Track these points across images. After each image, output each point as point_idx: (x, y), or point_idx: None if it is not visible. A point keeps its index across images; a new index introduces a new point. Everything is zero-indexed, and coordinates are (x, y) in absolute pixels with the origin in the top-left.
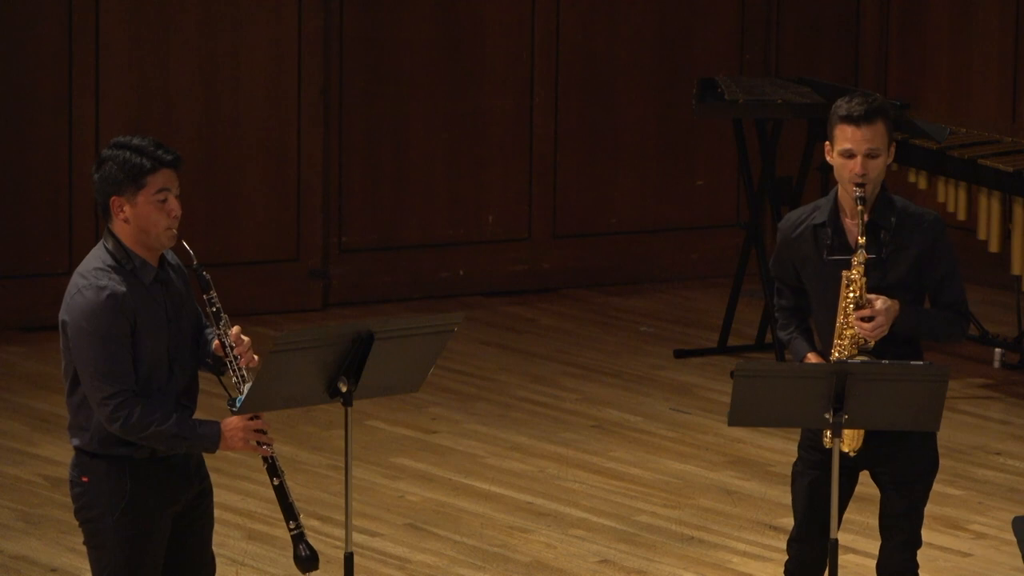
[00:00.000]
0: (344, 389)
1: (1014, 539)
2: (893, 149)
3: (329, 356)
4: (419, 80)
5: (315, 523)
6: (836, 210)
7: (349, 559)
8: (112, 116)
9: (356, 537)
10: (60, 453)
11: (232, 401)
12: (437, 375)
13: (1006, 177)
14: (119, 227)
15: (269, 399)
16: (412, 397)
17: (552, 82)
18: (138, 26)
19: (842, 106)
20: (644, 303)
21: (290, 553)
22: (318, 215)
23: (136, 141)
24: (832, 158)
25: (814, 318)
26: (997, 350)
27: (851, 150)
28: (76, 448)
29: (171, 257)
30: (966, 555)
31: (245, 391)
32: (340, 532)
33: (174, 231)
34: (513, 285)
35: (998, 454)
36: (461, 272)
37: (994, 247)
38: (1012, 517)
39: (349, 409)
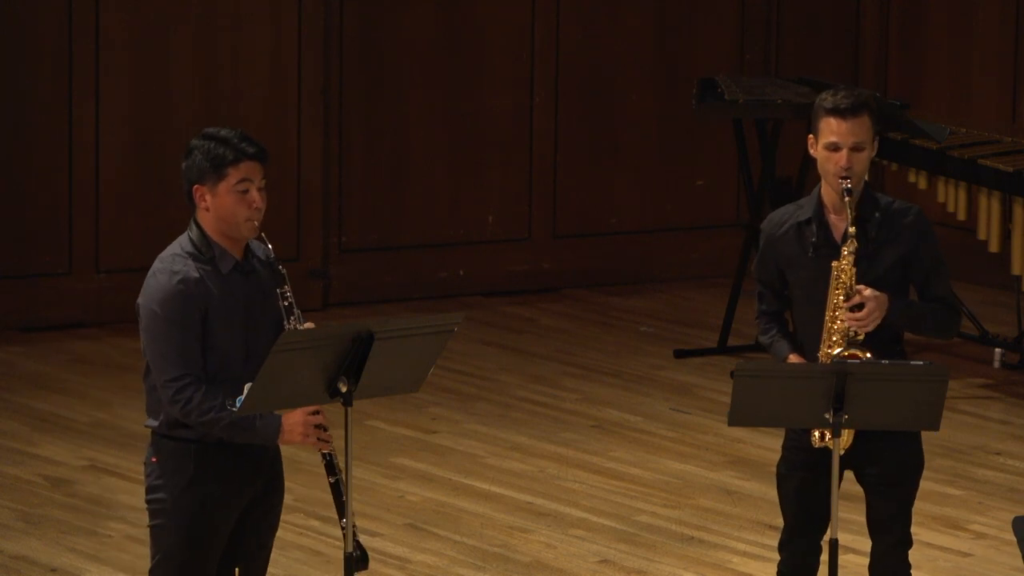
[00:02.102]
0: (344, 389)
1: (1014, 539)
2: (876, 143)
3: (329, 356)
4: (419, 80)
5: (315, 523)
6: (820, 207)
7: (349, 559)
8: (112, 116)
9: None
10: (60, 453)
11: (232, 401)
12: (437, 375)
13: (1006, 177)
14: (202, 216)
15: (269, 399)
16: (412, 397)
17: (552, 82)
18: (138, 26)
19: (828, 99)
20: (644, 303)
21: (290, 554)
22: (318, 215)
23: (224, 132)
24: (816, 151)
25: (797, 319)
26: (997, 350)
27: (837, 143)
28: (150, 429)
29: (261, 252)
30: (966, 555)
31: (246, 390)
32: (340, 532)
33: (255, 223)
34: (513, 285)
35: (998, 454)
36: (461, 272)
37: (994, 247)
38: (1012, 517)
39: (349, 409)
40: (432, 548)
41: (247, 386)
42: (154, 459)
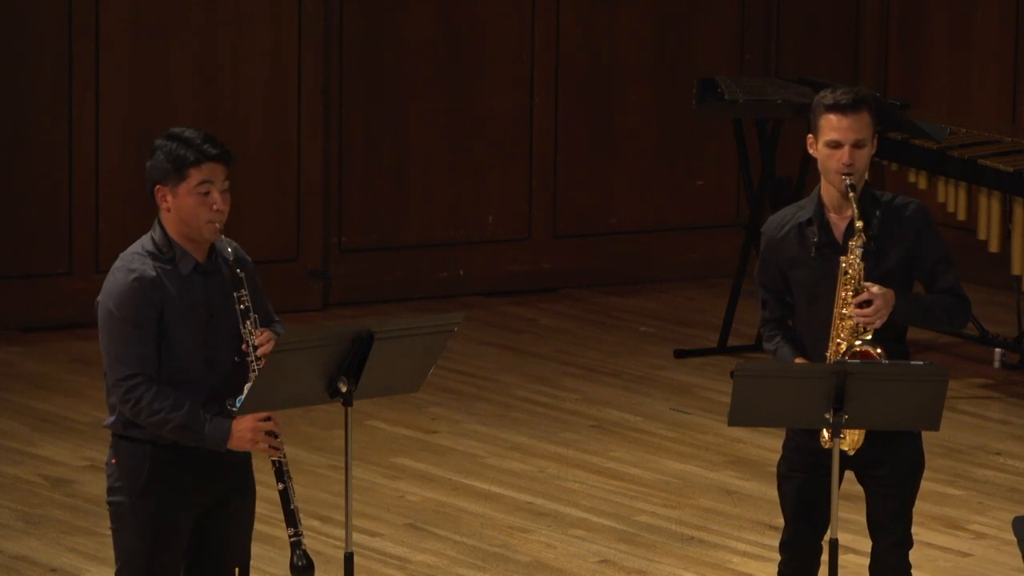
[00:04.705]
0: (344, 389)
1: (1014, 539)
2: (876, 141)
3: (329, 356)
4: (419, 80)
5: (315, 523)
6: (820, 207)
7: (349, 559)
8: (112, 116)
9: (356, 537)
10: (60, 453)
11: (232, 401)
12: (437, 375)
13: (1006, 177)
14: (164, 216)
15: (269, 399)
16: (412, 397)
17: (552, 82)
18: (138, 26)
19: (827, 96)
20: (644, 303)
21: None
22: (318, 215)
23: (187, 133)
24: (816, 150)
25: (799, 320)
26: (997, 350)
27: (838, 140)
28: (110, 428)
29: (228, 252)
30: (966, 555)
31: (246, 391)
32: (340, 532)
33: (217, 225)
34: (513, 285)
35: (998, 454)
36: (461, 272)
37: (994, 247)
38: (1012, 517)
39: (349, 409)
40: (432, 548)
41: (247, 386)
42: (113, 460)
